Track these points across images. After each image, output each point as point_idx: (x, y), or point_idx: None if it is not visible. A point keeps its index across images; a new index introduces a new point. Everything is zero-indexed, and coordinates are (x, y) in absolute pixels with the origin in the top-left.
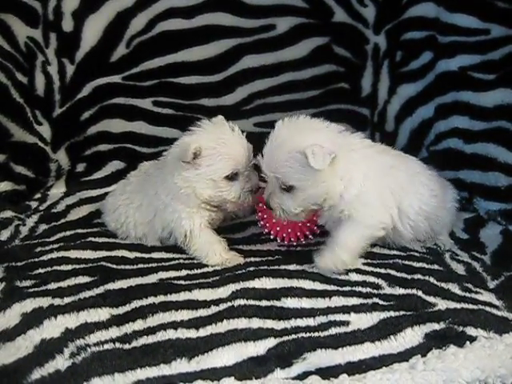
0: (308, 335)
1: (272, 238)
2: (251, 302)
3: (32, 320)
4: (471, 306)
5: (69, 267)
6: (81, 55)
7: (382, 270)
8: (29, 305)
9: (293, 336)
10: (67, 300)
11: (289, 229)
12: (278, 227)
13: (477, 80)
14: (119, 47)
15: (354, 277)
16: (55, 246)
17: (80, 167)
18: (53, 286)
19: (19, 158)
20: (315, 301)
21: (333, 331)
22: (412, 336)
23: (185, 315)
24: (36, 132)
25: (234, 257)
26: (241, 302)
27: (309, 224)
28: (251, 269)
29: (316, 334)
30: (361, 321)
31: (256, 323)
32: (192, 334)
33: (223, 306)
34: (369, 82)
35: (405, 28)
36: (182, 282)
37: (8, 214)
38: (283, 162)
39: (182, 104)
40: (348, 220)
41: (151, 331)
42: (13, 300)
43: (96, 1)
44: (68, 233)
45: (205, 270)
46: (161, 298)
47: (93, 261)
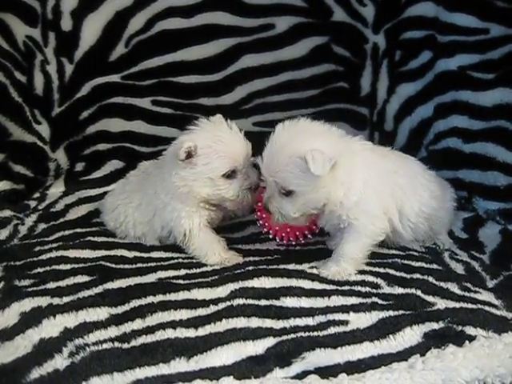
0: (307, 334)
1: (271, 238)
2: (250, 302)
3: (31, 319)
4: (470, 306)
5: (68, 266)
6: (80, 54)
7: (381, 270)
8: (28, 304)
9: (292, 335)
10: (66, 299)
11: (288, 228)
12: (277, 227)
13: (476, 79)
14: (118, 46)
15: (353, 276)
16: (54, 246)
17: (79, 166)
18: (52, 286)
19: (18, 158)
20: (314, 300)
21: (332, 330)
22: (411, 335)
23: (184, 314)
24: (35, 131)
25: (233, 256)
26: (240, 302)
27: (308, 224)
28: (250, 268)
29: (315, 334)
30: (360, 320)
31: (255, 322)
32: (191, 334)
33: (222, 306)
34: (368, 82)
35: (404, 27)
36: (181, 282)
37: (7, 214)
38: (283, 167)
39: (181, 103)
40: (349, 229)
41: (150, 330)
42: (12, 299)
43: (95, 0)
44: (67, 232)
45: (204, 270)
46: (160, 298)
47: (92, 260)
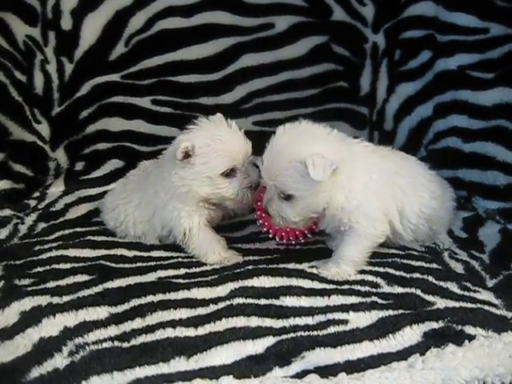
0: (307, 334)
1: (271, 237)
2: (250, 301)
3: (31, 318)
4: (470, 305)
5: (67, 266)
6: (80, 54)
7: (381, 269)
8: (27, 303)
9: (291, 335)
10: (66, 298)
11: (288, 228)
12: (277, 226)
13: (476, 79)
14: (118, 46)
15: (353, 276)
16: (54, 245)
17: (79, 166)
18: (51, 285)
19: (18, 157)
20: (314, 299)
21: (331, 330)
22: (411, 335)
23: (183, 314)
24: (35, 131)
25: (233, 255)
26: (239, 301)
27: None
28: (250, 267)
29: (315, 333)
30: (359, 319)
31: (255, 322)
32: (191, 333)
33: (222, 305)
34: (368, 81)
35: (404, 27)
36: (181, 281)
37: (7, 213)
38: (283, 171)
39: (181, 103)
40: (350, 232)
41: (150, 330)
42: (11, 298)
43: None
44: (67, 231)
45: (203, 269)
46: (159, 297)
47: (91, 259)
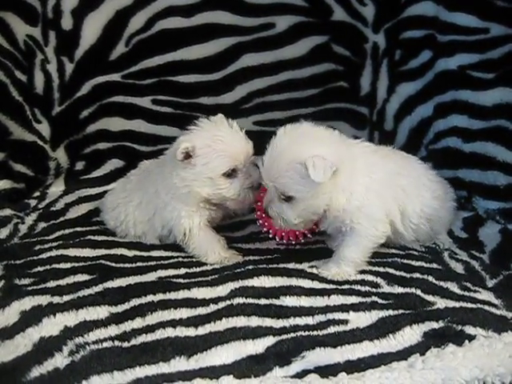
0: (307, 334)
1: (271, 237)
2: (250, 301)
3: (31, 318)
4: (470, 305)
5: (68, 265)
6: (80, 53)
7: (381, 269)
8: (28, 303)
9: (292, 334)
10: (66, 298)
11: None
12: (277, 227)
13: (476, 79)
14: (118, 46)
15: (353, 275)
16: (54, 244)
17: (79, 165)
18: (52, 284)
19: (18, 156)
20: (314, 299)
21: (332, 330)
22: (411, 335)
23: (184, 313)
24: (35, 130)
25: (233, 255)
26: (240, 301)
27: None
28: (250, 267)
29: (315, 333)
30: (360, 319)
31: (255, 321)
32: (191, 333)
33: (222, 305)
34: (368, 81)
35: (404, 27)
36: (181, 281)
37: (7, 212)
38: (283, 173)
39: (181, 102)
40: (351, 233)
41: (150, 329)
42: (12, 298)
43: None
44: (67, 231)
45: (204, 269)
46: (160, 297)
47: (92, 259)
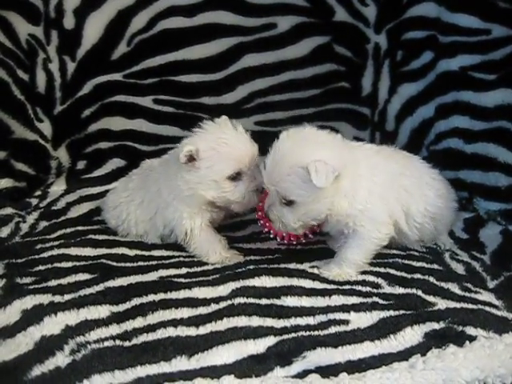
0: (308, 334)
1: (272, 237)
2: (251, 301)
3: (32, 317)
4: (471, 306)
5: (69, 264)
6: (82, 53)
7: (382, 269)
8: (29, 301)
9: (293, 334)
10: (67, 297)
11: None
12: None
13: (477, 80)
14: (120, 45)
15: (354, 276)
16: (55, 243)
17: (80, 165)
18: (53, 283)
19: (20, 155)
20: (315, 299)
21: (333, 330)
22: (412, 335)
23: (185, 313)
24: (37, 129)
25: (234, 255)
26: (241, 300)
27: None
28: (251, 267)
29: (316, 333)
30: (360, 320)
31: (256, 321)
32: (192, 332)
33: (223, 304)
34: (369, 82)
35: (406, 27)
36: (182, 280)
37: (8, 211)
38: (285, 177)
39: (183, 102)
40: (353, 235)
41: (151, 329)
42: (13, 297)
43: None
44: (68, 230)
45: (205, 268)
46: (161, 296)
47: (93, 258)
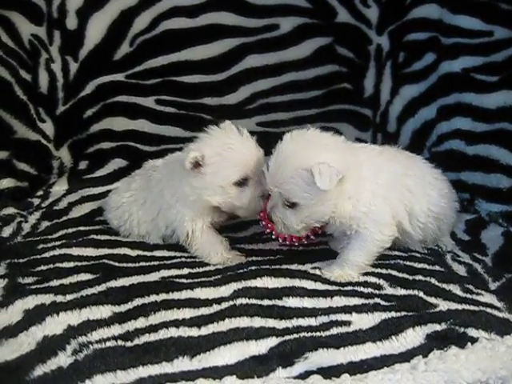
0: (310, 335)
1: (273, 238)
2: (253, 301)
3: (34, 317)
4: (472, 308)
5: (71, 264)
6: (84, 53)
7: (384, 271)
8: (31, 301)
9: (294, 335)
10: (69, 297)
11: None
12: (280, 233)
13: (479, 82)
14: (123, 45)
15: (356, 278)
16: (57, 243)
17: (82, 165)
18: (55, 283)
19: (22, 155)
20: (317, 300)
21: (334, 331)
22: (413, 337)
23: (187, 313)
24: (39, 129)
25: (236, 256)
26: (243, 301)
27: None
28: (253, 268)
29: (318, 334)
30: (362, 321)
31: (258, 322)
32: (194, 333)
33: (225, 305)
34: (371, 83)
35: (408, 29)
36: (184, 281)
37: (10, 211)
38: (288, 179)
39: (185, 103)
40: (356, 237)
41: (153, 329)
42: (15, 297)
43: None
44: (70, 230)
45: (207, 269)
46: (163, 296)
47: (95, 258)
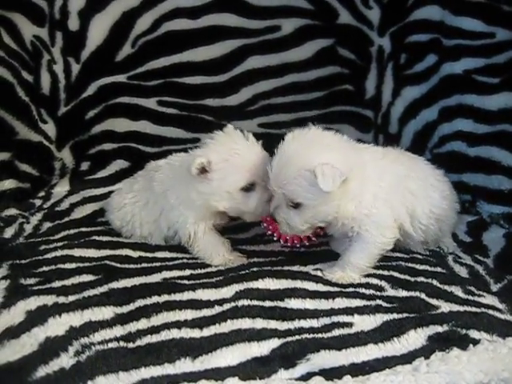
0: (312, 336)
1: (275, 240)
2: (255, 303)
3: (36, 318)
4: (474, 309)
5: (73, 265)
6: (86, 54)
7: (385, 272)
8: (33, 303)
9: (296, 337)
10: (71, 298)
11: None
12: (283, 233)
13: (481, 83)
14: (125, 47)
15: (357, 280)
16: (59, 244)
17: (84, 166)
18: (57, 284)
19: (24, 156)
20: (319, 302)
21: (336, 332)
22: (415, 338)
23: (189, 315)
24: (41, 130)
25: (238, 257)
26: (244, 303)
27: None
28: (255, 269)
29: (319, 335)
30: (364, 322)
31: (260, 323)
32: (196, 334)
33: (227, 306)
34: (373, 84)
35: (409, 30)
36: (186, 282)
37: (12, 212)
38: (291, 179)
39: (187, 104)
40: (358, 239)
41: (155, 330)
42: (17, 298)
43: (102, 0)
44: (72, 231)
45: (208, 270)
46: (165, 298)
47: (97, 259)
